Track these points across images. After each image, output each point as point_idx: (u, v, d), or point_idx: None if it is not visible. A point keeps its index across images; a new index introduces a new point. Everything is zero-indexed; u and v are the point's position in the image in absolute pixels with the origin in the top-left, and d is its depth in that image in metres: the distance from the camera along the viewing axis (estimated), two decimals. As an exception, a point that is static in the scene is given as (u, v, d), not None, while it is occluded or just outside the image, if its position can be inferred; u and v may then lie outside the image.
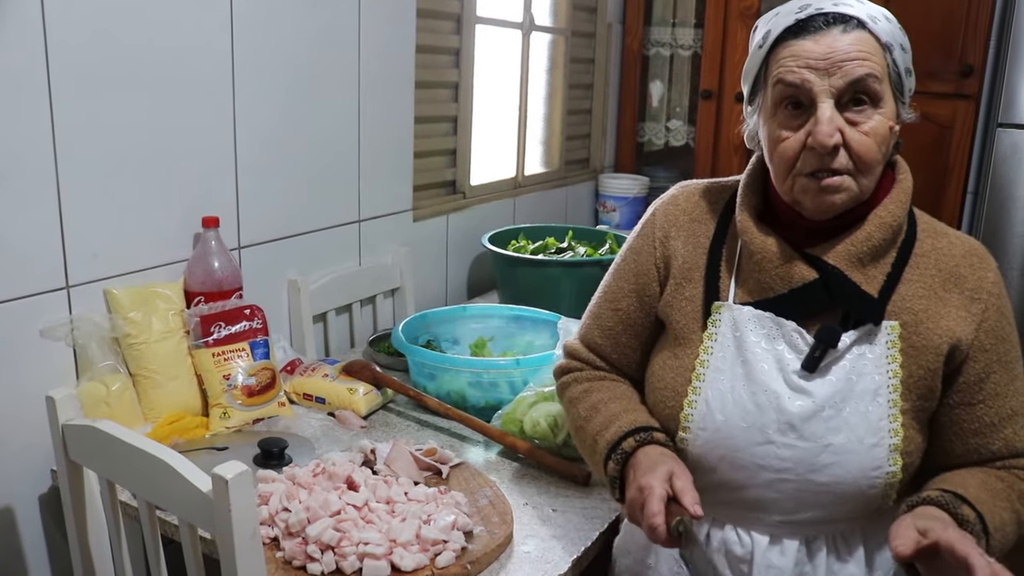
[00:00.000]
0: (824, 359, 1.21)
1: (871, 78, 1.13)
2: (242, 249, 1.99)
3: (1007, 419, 1.23)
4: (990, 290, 1.23)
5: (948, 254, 1.24)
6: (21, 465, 1.60)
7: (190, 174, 1.84)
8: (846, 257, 1.20)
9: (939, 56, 2.99)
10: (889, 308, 1.20)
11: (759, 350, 1.23)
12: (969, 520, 1.12)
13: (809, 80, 1.13)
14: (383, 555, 1.26)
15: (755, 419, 1.22)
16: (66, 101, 1.57)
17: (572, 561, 1.36)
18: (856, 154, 1.14)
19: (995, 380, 1.23)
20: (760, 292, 1.25)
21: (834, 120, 1.13)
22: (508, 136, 3.14)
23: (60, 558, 1.68)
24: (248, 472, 1.10)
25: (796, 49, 1.15)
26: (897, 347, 1.20)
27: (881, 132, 1.15)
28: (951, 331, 1.21)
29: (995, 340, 1.23)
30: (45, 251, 1.59)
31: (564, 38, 3.34)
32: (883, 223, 1.20)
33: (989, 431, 1.24)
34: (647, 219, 1.40)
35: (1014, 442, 1.24)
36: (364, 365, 1.91)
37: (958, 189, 3.07)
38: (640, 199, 3.59)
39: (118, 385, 1.65)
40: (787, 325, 1.22)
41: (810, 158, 1.15)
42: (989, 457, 1.24)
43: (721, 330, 1.26)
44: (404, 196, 2.51)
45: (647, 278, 1.36)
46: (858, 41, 1.13)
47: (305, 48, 2.07)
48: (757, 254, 1.23)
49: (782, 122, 1.18)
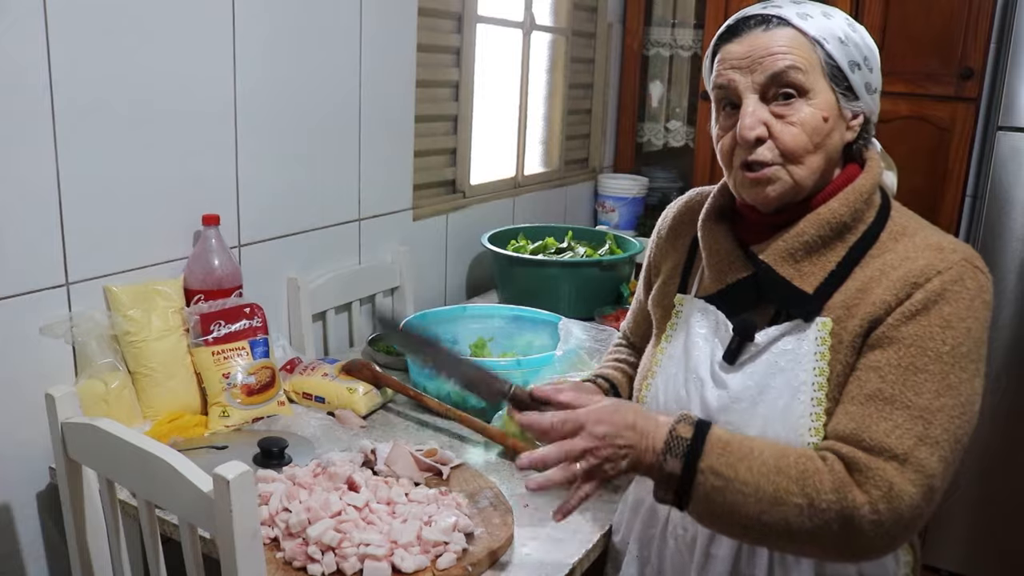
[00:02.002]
0: (743, 352, 1.23)
1: (793, 70, 1.15)
2: (242, 247, 1.98)
3: (867, 397, 1.10)
4: (933, 279, 1.12)
5: (901, 253, 1.17)
6: (19, 462, 1.59)
7: (190, 171, 1.83)
8: (777, 253, 1.21)
9: (939, 59, 2.99)
10: (829, 305, 1.18)
11: (700, 340, 1.29)
12: (675, 434, 1.12)
13: (734, 79, 1.19)
14: (384, 556, 1.25)
15: (684, 405, 1.27)
16: (67, 97, 1.56)
17: (573, 563, 1.36)
18: (782, 144, 1.17)
19: (882, 355, 1.11)
20: (711, 287, 1.29)
21: (756, 114, 1.17)
22: (508, 136, 3.13)
23: (57, 556, 1.67)
24: (249, 472, 1.09)
25: (724, 53, 1.21)
26: (827, 344, 1.17)
27: (811, 123, 1.17)
28: (866, 317, 1.14)
29: (906, 321, 1.11)
30: (45, 248, 1.58)
31: (564, 38, 3.34)
32: (819, 220, 1.19)
33: (847, 401, 1.13)
34: (658, 221, 1.51)
35: (861, 424, 1.09)
36: (364, 364, 1.90)
37: (957, 192, 3.07)
38: (639, 200, 3.59)
39: (117, 383, 1.64)
40: (720, 318, 1.27)
41: (741, 152, 1.20)
42: (833, 431, 1.13)
43: (680, 321, 1.35)
44: (404, 195, 2.51)
45: (647, 273, 1.50)
46: (780, 37, 1.17)
47: (307, 47, 2.07)
48: (705, 250, 1.30)
49: (720, 122, 1.24)
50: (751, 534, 1.11)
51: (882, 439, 1.07)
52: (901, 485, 1.04)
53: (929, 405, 1.08)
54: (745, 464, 1.08)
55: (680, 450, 1.11)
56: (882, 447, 1.07)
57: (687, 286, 1.37)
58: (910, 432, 1.07)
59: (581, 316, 2.40)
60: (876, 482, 1.05)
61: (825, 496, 1.05)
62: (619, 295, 2.59)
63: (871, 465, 1.06)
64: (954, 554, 3.01)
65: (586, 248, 2.71)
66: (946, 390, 1.08)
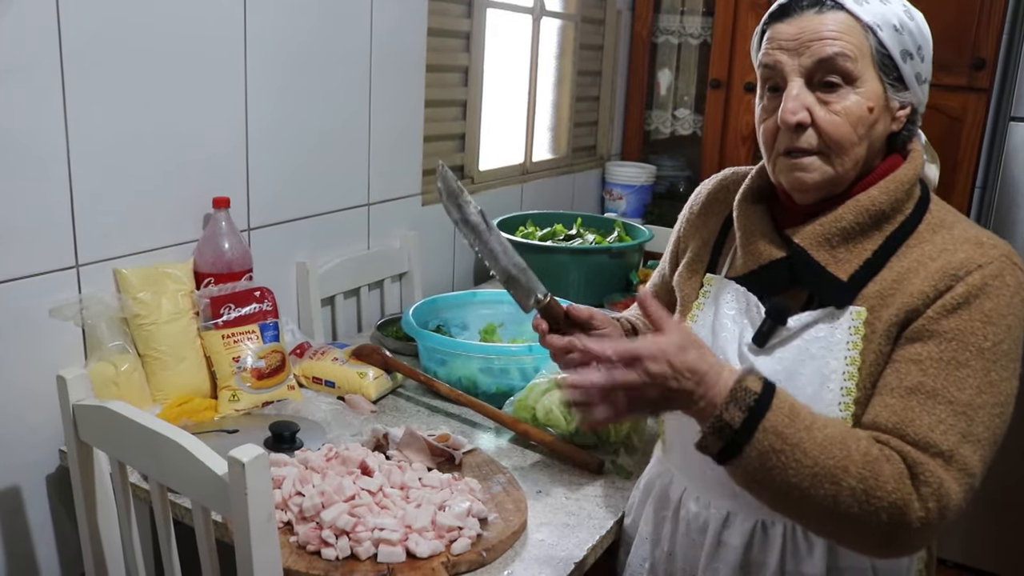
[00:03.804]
0: (773, 336, 1.21)
1: (842, 57, 1.12)
2: (251, 231, 1.97)
3: (908, 390, 1.08)
4: (973, 272, 1.10)
5: (939, 245, 1.15)
6: (28, 445, 1.58)
7: (201, 154, 1.81)
8: (814, 237, 1.19)
9: (951, 49, 2.97)
10: (862, 294, 1.17)
11: (728, 321, 1.27)
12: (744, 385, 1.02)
13: (780, 60, 1.16)
14: (399, 541, 1.25)
15: None
16: (77, 80, 1.55)
17: (588, 549, 1.35)
18: (825, 133, 1.14)
19: (923, 349, 1.09)
20: (743, 268, 1.27)
21: (800, 98, 1.14)
22: (516, 122, 3.11)
23: (67, 540, 1.67)
24: (264, 455, 1.09)
25: (773, 32, 1.18)
26: (860, 333, 1.15)
27: (856, 112, 1.14)
28: (903, 307, 1.12)
29: (947, 314, 1.09)
30: (55, 229, 1.57)
31: (574, 24, 3.32)
32: (859, 207, 1.17)
33: (886, 392, 1.10)
34: (690, 197, 1.49)
35: (903, 417, 1.07)
36: (374, 349, 1.89)
37: (967, 183, 3.05)
38: (647, 188, 3.57)
39: (127, 366, 1.63)
40: (752, 299, 1.25)
41: (782, 137, 1.17)
42: (872, 421, 1.10)
43: (708, 300, 1.32)
44: (413, 180, 2.49)
45: (674, 249, 1.47)
46: (832, 21, 1.14)
47: (317, 30, 2.05)
48: (740, 230, 1.27)
49: (764, 104, 1.21)
50: (788, 504, 1.05)
51: (927, 434, 1.05)
52: (948, 484, 1.02)
53: (972, 401, 1.06)
54: (809, 433, 1.02)
55: (746, 402, 1.01)
56: (927, 442, 1.04)
57: (716, 265, 1.35)
58: (954, 428, 1.05)
59: (591, 303, 2.38)
60: (926, 479, 1.02)
61: (884, 485, 1.01)
62: (628, 282, 2.58)
63: (920, 460, 1.03)
64: (959, 545, 3.01)
65: (595, 235, 2.70)
66: (987, 387, 1.06)
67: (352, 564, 1.23)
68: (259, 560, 1.11)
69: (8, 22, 1.43)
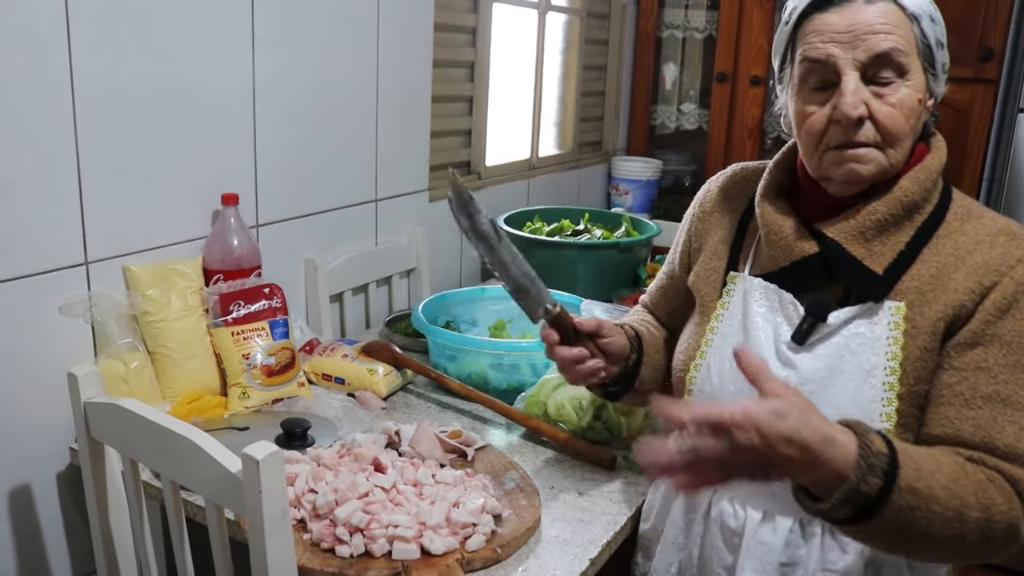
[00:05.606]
0: (814, 333, 1.20)
1: (896, 52, 1.12)
2: (260, 227, 1.96)
3: (985, 400, 1.09)
4: (1015, 267, 1.12)
5: (972, 236, 1.17)
6: (38, 442, 1.57)
7: (209, 151, 1.81)
8: (848, 231, 1.18)
9: (958, 40, 2.92)
10: (898, 288, 1.17)
11: (760, 320, 1.26)
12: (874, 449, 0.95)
13: (833, 54, 1.13)
14: (413, 538, 1.24)
15: (743, 386, 1.15)
16: (87, 77, 1.54)
17: (602, 545, 1.34)
18: (882, 126, 1.13)
19: (986, 354, 1.11)
20: (770, 265, 1.26)
21: (859, 92, 1.13)
22: (523, 117, 3.10)
23: (77, 538, 1.66)
24: (279, 452, 1.08)
25: (819, 23, 1.15)
26: (900, 328, 1.15)
27: (909, 104, 1.14)
28: (949, 304, 1.13)
29: (1001, 316, 1.11)
30: (64, 226, 1.56)
31: (579, 18, 3.31)
32: (892, 198, 1.17)
33: (960, 404, 1.10)
34: (697, 195, 1.47)
35: (989, 430, 1.07)
36: (384, 346, 1.88)
37: (975, 175, 3.04)
38: (653, 182, 3.56)
39: (137, 363, 1.62)
40: (785, 297, 1.23)
41: (836, 131, 1.15)
42: (956, 436, 1.09)
43: (733, 299, 1.30)
44: (421, 176, 2.48)
45: (684, 248, 1.45)
46: (882, 13, 1.12)
47: (325, 27, 2.04)
48: (766, 227, 1.26)
49: (808, 97, 1.18)
50: (910, 548, 1.03)
51: (1015, 445, 1.05)
52: None
53: None
54: (935, 479, 0.98)
55: (881, 468, 0.95)
56: (1016, 454, 1.05)
57: (737, 263, 1.34)
58: None
59: (598, 298, 2.37)
60: None
61: (999, 508, 1.01)
62: (637, 277, 2.57)
63: (1019, 477, 1.04)
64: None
65: (603, 230, 2.69)
66: None
67: (367, 561, 1.22)
68: (273, 558, 1.10)
69: (18, 19, 1.42)
